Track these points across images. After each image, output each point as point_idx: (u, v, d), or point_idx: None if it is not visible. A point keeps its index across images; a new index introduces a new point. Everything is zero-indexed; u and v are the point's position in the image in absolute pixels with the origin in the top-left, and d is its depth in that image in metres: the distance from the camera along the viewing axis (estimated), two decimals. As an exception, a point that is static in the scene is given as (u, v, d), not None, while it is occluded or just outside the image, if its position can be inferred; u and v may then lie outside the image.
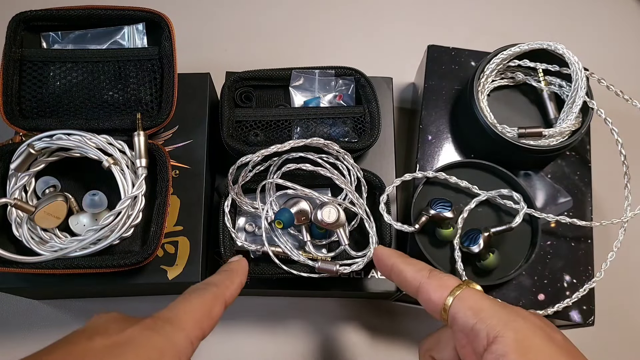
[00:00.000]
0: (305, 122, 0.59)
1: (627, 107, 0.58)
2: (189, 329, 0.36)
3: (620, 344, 0.64)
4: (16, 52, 0.56)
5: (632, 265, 0.67)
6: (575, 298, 0.54)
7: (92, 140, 0.54)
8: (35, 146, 0.53)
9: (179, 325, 0.36)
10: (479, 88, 0.59)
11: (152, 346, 0.34)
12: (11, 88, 0.56)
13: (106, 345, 0.33)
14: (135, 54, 0.58)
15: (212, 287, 0.41)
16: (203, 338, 0.38)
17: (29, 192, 0.55)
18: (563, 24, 0.82)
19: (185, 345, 0.35)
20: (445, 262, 0.55)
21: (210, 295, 0.40)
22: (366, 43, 0.79)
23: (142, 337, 0.34)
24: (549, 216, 0.55)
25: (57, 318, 0.62)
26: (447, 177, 0.57)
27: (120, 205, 0.51)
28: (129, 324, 0.35)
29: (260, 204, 0.55)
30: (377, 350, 0.62)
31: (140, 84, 0.58)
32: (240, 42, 0.78)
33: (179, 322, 0.36)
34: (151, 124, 0.56)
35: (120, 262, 0.50)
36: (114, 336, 0.34)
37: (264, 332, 0.63)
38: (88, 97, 0.57)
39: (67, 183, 0.57)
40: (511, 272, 0.54)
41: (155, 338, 0.34)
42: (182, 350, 0.35)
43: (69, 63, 0.58)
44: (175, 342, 0.35)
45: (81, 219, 0.54)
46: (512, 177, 0.57)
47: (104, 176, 0.54)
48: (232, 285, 0.43)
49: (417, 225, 0.54)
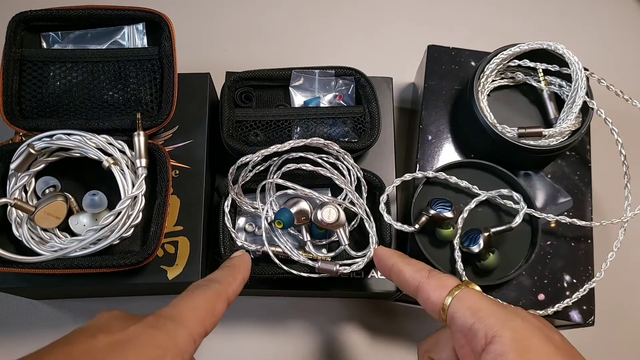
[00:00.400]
0: (305, 122, 0.59)
1: (627, 107, 0.58)
2: (192, 327, 0.36)
3: (620, 344, 0.64)
4: (16, 52, 0.56)
5: (632, 265, 0.67)
6: (575, 298, 0.54)
7: (92, 140, 0.54)
8: (35, 146, 0.53)
9: (181, 322, 0.36)
10: (479, 88, 0.59)
11: (155, 344, 0.34)
12: (11, 88, 0.56)
13: (109, 343, 0.33)
14: (135, 54, 0.58)
15: (214, 284, 0.41)
16: (206, 335, 0.38)
17: (29, 192, 0.55)
18: (563, 24, 0.82)
19: (187, 342, 0.35)
20: (445, 262, 0.55)
21: (213, 292, 0.40)
22: (366, 43, 0.79)
23: (145, 334, 0.34)
24: (549, 216, 0.55)
25: (57, 318, 0.62)
26: (447, 177, 0.57)
27: (120, 205, 0.51)
28: (132, 321, 0.35)
29: (260, 204, 0.55)
30: (377, 350, 0.62)
31: (140, 84, 0.58)
32: (240, 42, 0.78)
33: (181, 320, 0.36)
34: (151, 124, 0.56)
35: (120, 262, 0.50)
36: (117, 334, 0.34)
37: (264, 332, 0.63)
38: (88, 97, 0.57)
39: (67, 183, 0.57)
40: (511, 272, 0.54)
41: (157, 336, 0.34)
42: (185, 347, 0.35)
43: (69, 63, 0.58)
44: (177, 340, 0.35)
45: (81, 219, 0.54)
46: (512, 177, 0.57)
47: (104, 176, 0.54)
48: (235, 282, 0.43)
49: (417, 225, 0.54)
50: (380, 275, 0.57)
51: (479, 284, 0.53)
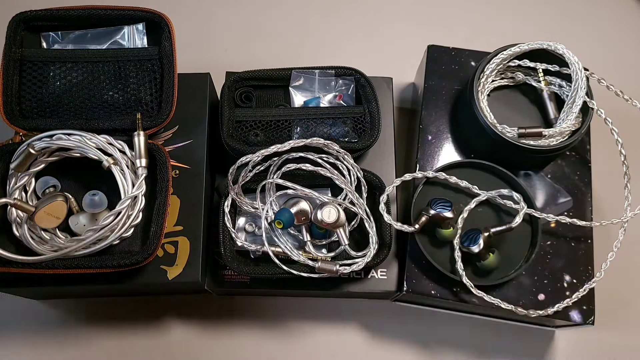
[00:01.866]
0: (305, 122, 0.59)
1: (627, 107, 0.58)
2: None
3: (620, 344, 0.64)
4: (16, 52, 0.56)
5: (632, 265, 0.67)
6: (575, 298, 0.54)
7: (92, 140, 0.54)
8: (35, 146, 0.53)
9: None
10: (479, 88, 0.59)
11: None
12: (11, 88, 0.56)
13: None
14: (135, 54, 0.58)
15: None
16: None
17: (29, 192, 0.55)
18: (563, 24, 0.82)
19: None
20: (445, 262, 0.55)
21: None
22: (366, 43, 0.79)
23: None
24: (549, 216, 0.55)
25: (57, 318, 0.62)
26: (447, 177, 0.57)
27: (120, 205, 0.51)
28: None
29: (260, 204, 0.55)
30: (377, 350, 0.62)
31: (140, 84, 0.58)
32: (240, 42, 0.78)
33: None
34: (151, 124, 0.56)
35: (120, 262, 0.50)
36: None
37: (264, 332, 0.63)
38: (88, 97, 0.57)
39: (67, 183, 0.57)
40: (511, 272, 0.54)
41: None
42: None
43: (69, 63, 0.57)
44: None
45: (81, 219, 0.54)
46: (512, 177, 0.57)
47: (104, 176, 0.54)
48: None
49: (417, 225, 0.54)
50: (381, 275, 0.57)
51: (479, 283, 0.53)
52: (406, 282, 0.55)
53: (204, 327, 0.63)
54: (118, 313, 0.63)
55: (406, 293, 0.55)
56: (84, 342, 0.62)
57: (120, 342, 0.62)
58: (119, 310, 0.63)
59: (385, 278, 0.57)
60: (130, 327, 0.62)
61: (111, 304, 0.63)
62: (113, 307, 0.63)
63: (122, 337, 0.62)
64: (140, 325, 0.62)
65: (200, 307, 0.63)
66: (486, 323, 0.61)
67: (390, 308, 0.64)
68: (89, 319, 0.63)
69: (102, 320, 0.62)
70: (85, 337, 0.62)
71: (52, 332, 0.62)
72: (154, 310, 0.63)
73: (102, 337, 0.62)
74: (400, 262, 0.57)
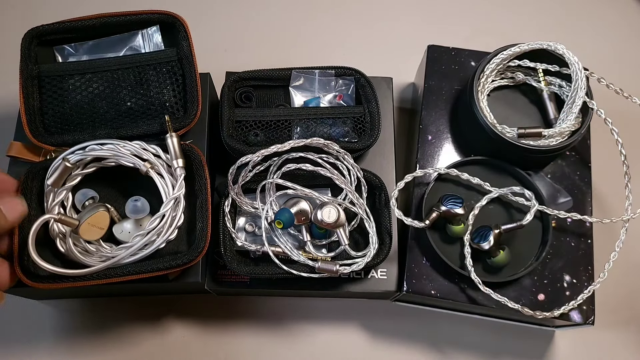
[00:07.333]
0: (305, 122, 0.59)
1: (627, 107, 0.58)
2: None
3: (620, 344, 0.64)
4: (33, 68, 0.55)
5: (632, 265, 0.67)
6: (580, 300, 0.54)
7: (126, 147, 0.53)
8: (70, 159, 0.52)
9: None
10: (479, 88, 0.59)
11: None
12: (33, 106, 0.55)
13: None
14: (154, 57, 0.57)
15: None
16: None
17: (68, 207, 0.54)
18: (563, 24, 0.82)
19: None
20: (455, 258, 0.55)
21: None
22: (366, 43, 0.79)
23: None
24: (560, 213, 0.55)
25: (57, 318, 0.62)
26: (459, 173, 0.57)
27: (164, 207, 0.51)
28: None
29: (260, 204, 0.55)
30: (377, 350, 0.62)
31: (162, 87, 0.57)
32: (240, 42, 0.78)
33: None
34: (179, 126, 0.56)
35: (172, 263, 0.50)
36: None
37: (264, 332, 0.63)
38: (111, 106, 0.56)
39: (103, 193, 0.56)
40: (521, 270, 0.54)
41: None
42: None
43: (87, 74, 0.56)
44: None
45: (125, 226, 0.54)
46: (524, 175, 0.57)
47: (139, 182, 0.54)
48: None
49: (428, 221, 0.54)
50: (381, 275, 0.57)
51: (489, 280, 0.53)
52: (406, 282, 0.55)
53: (204, 327, 0.63)
54: (118, 313, 0.63)
55: (406, 293, 0.55)
56: (84, 342, 0.62)
57: (120, 342, 0.62)
58: (119, 310, 0.63)
59: (385, 278, 0.57)
60: (130, 327, 0.62)
61: (111, 304, 0.63)
62: (113, 306, 0.63)
63: (122, 337, 0.62)
64: (140, 325, 0.62)
65: (200, 307, 0.63)
66: (486, 323, 0.61)
67: (390, 308, 0.64)
68: (88, 319, 0.63)
69: (102, 320, 0.62)
70: (85, 337, 0.62)
71: (52, 332, 0.62)
72: (154, 310, 0.63)
73: (102, 337, 0.62)
74: (400, 262, 0.57)
